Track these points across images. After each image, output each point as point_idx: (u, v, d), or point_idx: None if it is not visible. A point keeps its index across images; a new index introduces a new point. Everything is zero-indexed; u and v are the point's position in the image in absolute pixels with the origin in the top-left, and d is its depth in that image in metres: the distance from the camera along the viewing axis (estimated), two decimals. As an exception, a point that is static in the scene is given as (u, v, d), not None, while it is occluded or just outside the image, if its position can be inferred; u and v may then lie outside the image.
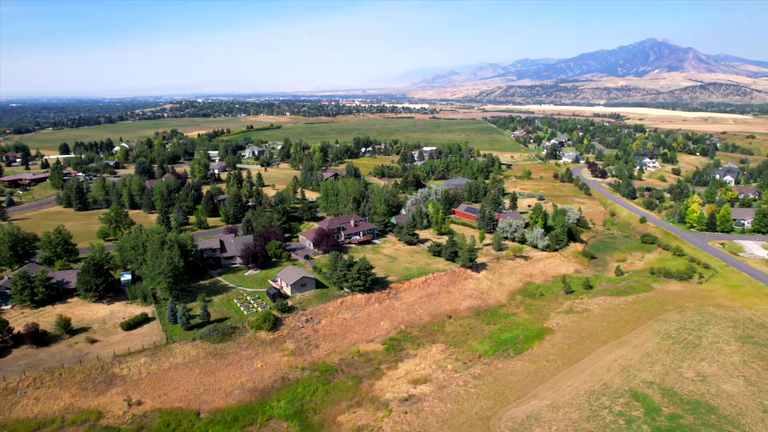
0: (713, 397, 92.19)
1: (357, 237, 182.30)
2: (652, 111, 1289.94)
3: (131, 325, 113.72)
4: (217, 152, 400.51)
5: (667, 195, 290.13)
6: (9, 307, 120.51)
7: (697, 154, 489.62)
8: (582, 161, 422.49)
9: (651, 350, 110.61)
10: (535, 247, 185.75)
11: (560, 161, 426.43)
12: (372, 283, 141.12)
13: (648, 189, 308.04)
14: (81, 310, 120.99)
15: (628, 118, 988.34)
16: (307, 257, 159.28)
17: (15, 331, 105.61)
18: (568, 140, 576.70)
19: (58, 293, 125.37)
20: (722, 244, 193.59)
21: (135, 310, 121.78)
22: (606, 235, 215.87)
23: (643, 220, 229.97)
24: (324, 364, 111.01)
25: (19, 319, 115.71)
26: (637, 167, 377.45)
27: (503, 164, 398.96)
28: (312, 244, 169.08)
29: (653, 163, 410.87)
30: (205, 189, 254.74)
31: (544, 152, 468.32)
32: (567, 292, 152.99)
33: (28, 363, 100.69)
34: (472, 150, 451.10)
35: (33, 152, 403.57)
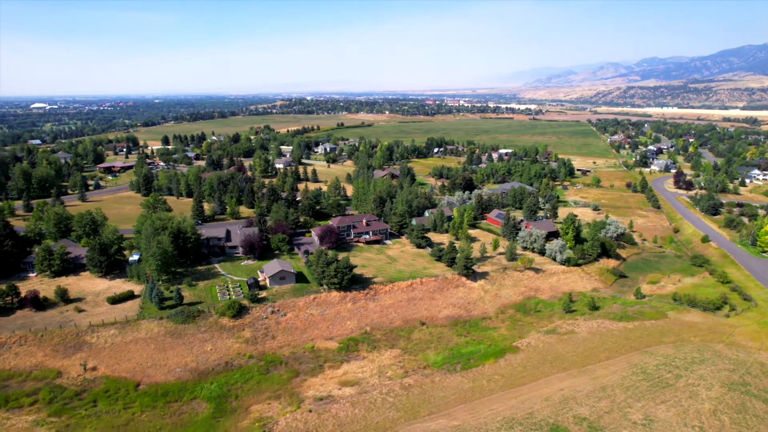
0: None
1: (367, 236, 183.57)
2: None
3: (116, 299, 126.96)
4: (290, 148, 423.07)
5: (761, 212, 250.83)
6: (34, 275, 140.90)
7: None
8: (674, 170, 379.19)
9: (609, 384, 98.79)
10: (554, 259, 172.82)
11: (648, 169, 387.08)
12: (353, 283, 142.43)
13: (739, 204, 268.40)
14: (85, 283, 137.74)
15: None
16: (306, 252, 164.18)
17: (22, 295, 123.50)
18: (671, 147, 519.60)
19: (74, 266, 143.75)
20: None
21: (129, 287, 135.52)
22: (653, 253, 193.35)
23: (705, 240, 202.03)
24: (272, 355, 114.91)
25: (37, 285, 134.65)
26: (738, 180, 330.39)
27: (579, 170, 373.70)
28: (318, 240, 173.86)
29: (764, 175, 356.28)
30: (265, 181, 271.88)
31: (634, 159, 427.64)
32: (567, 311, 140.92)
33: (23, 323, 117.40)
34: (550, 154, 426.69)
35: (141, 143, 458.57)
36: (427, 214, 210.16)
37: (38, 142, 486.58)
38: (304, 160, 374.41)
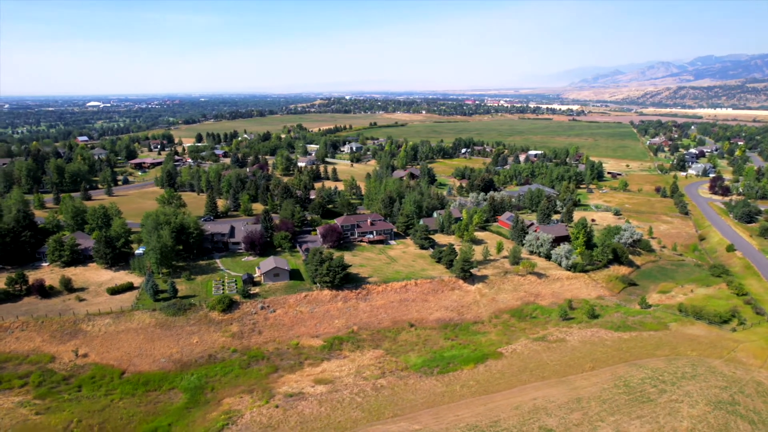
0: (609, 461, 77.17)
1: (371, 236, 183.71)
2: None
3: (116, 290, 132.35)
4: (317, 146, 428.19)
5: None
6: (46, 264, 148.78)
7: None
8: (713, 174, 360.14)
9: (586, 396, 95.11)
10: (560, 264, 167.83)
11: (684, 173, 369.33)
12: (347, 282, 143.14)
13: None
14: (91, 273, 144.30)
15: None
16: (306, 250, 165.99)
17: (30, 283, 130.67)
18: (715, 150, 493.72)
19: (84, 257, 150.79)
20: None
21: (130, 278, 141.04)
22: (671, 261, 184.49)
23: (729, 248, 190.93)
24: (256, 350, 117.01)
25: (47, 274, 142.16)
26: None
27: (610, 173, 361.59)
28: (322, 239, 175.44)
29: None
30: (283, 179, 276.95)
31: (671, 163, 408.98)
32: (563, 318, 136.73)
33: (27, 309, 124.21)
34: (581, 156, 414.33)
35: (176, 140, 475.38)
36: (435, 215, 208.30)
37: (85, 138, 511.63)
38: (328, 159, 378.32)
